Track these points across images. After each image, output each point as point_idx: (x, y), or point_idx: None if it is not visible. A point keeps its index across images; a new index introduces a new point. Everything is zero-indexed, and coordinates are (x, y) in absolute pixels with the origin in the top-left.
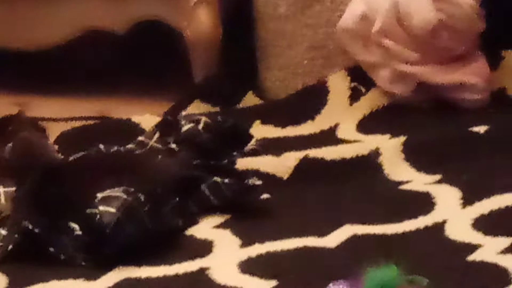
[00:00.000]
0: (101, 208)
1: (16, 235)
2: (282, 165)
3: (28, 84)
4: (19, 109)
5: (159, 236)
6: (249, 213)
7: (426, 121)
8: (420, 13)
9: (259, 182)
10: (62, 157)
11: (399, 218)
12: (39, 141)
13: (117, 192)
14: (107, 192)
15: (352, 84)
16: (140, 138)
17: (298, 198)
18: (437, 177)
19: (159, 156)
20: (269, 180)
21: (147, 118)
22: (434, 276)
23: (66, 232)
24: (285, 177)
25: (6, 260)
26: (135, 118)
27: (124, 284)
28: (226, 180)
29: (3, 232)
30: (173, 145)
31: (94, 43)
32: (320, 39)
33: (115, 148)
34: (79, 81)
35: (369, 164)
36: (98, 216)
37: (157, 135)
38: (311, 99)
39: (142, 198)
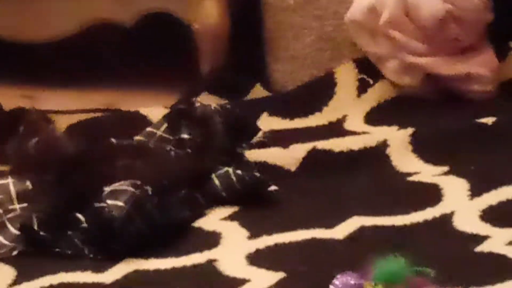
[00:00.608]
0: (109, 202)
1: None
2: (290, 157)
3: (36, 77)
4: (30, 103)
5: (167, 229)
6: (257, 205)
7: (434, 113)
8: (427, 4)
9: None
10: (75, 150)
11: (407, 210)
12: (60, 136)
13: (124, 185)
14: (114, 186)
15: (360, 76)
16: (149, 128)
17: (306, 190)
18: (445, 168)
19: (169, 147)
20: (277, 172)
21: (155, 110)
22: (442, 267)
23: (73, 226)
24: (293, 169)
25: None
26: (143, 110)
27: (132, 276)
28: (238, 171)
29: (13, 230)
30: (185, 135)
31: (102, 36)
32: (328, 30)
33: (126, 141)
34: (87, 73)
35: (377, 155)
36: (106, 210)
37: (165, 125)
38: (319, 91)
39: (150, 191)
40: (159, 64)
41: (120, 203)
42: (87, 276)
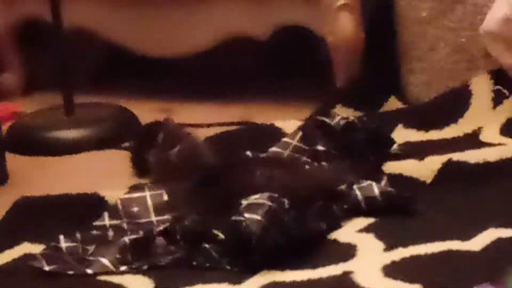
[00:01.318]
0: (247, 215)
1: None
2: (425, 169)
3: (173, 91)
4: (166, 115)
5: (303, 241)
6: (392, 217)
7: None
8: None
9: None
10: (215, 159)
11: None
12: (201, 144)
13: (261, 199)
14: (251, 199)
15: (496, 87)
16: (284, 139)
17: (441, 201)
18: None
19: (303, 158)
20: (412, 184)
21: (290, 123)
22: None
23: (209, 239)
24: (428, 181)
25: (150, 263)
26: (278, 123)
27: None
28: (382, 185)
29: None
30: (320, 147)
31: (238, 50)
32: (463, 42)
33: (262, 154)
34: (223, 87)
35: None
36: (244, 224)
37: (299, 134)
38: (454, 103)
39: (287, 203)
40: (294, 78)
41: (258, 217)
42: None
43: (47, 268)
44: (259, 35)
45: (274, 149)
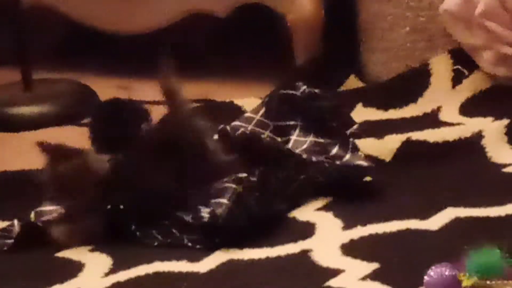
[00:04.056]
0: (213, 201)
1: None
2: (384, 147)
3: (132, 68)
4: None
5: (264, 220)
6: (351, 195)
7: None
8: None
9: (369, 164)
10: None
11: (502, 201)
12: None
13: (227, 183)
14: (218, 185)
15: (455, 67)
16: (247, 114)
17: (400, 180)
18: None
19: (267, 133)
20: (371, 162)
21: (250, 101)
22: None
23: (174, 221)
24: (387, 160)
25: (109, 241)
26: (238, 101)
27: (227, 266)
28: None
29: None
30: (286, 122)
31: (196, 27)
32: (422, 21)
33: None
34: (181, 64)
35: (472, 146)
36: (210, 208)
37: (263, 109)
38: (414, 82)
39: (254, 183)
40: (253, 55)
41: (224, 200)
42: (182, 266)
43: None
44: (219, 12)
45: (236, 123)
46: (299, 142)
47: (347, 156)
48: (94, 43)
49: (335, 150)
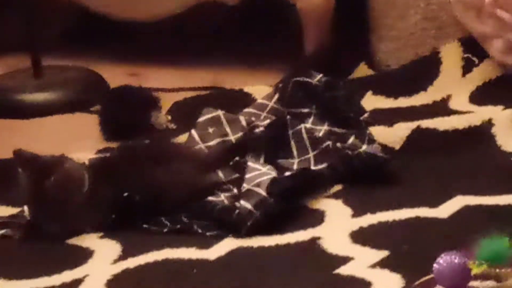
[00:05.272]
0: (242, 202)
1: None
2: (394, 135)
3: (143, 55)
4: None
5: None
6: (360, 183)
7: None
8: None
9: (388, 156)
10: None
11: (511, 189)
12: None
13: (258, 187)
14: (251, 185)
15: (465, 55)
16: (260, 100)
17: (410, 168)
18: None
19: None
20: (381, 150)
21: (259, 89)
22: None
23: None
24: (397, 148)
25: (118, 228)
26: (247, 89)
27: (236, 253)
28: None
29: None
30: (305, 110)
31: (207, 14)
32: (433, 9)
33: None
34: (192, 51)
35: (481, 135)
36: (237, 211)
37: (276, 96)
38: (424, 70)
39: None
40: (263, 43)
41: (249, 207)
42: (192, 253)
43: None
44: (229, 0)
45: (249, 109)
46: (315, 130)
47: (364, 147)
48: (104, 30)
49: (351, 140)
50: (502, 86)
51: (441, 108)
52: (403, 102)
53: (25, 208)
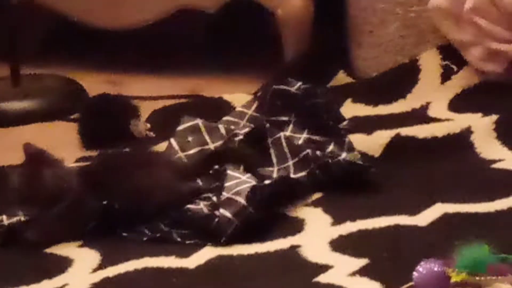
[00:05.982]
0: (221, 210)
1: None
2: (373, 143)
3: (121, 63)
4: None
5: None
6: (340, 191)
7: None
8: None
9: (368, 163)
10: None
11: (491, 197)
12: None
13: (237, 196)
14: (230, 193)
15: (444, 63)
16: (239, 108)
17: (389, 176)
18: None
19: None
20: (361, 158)
21: (239, 96)
22: None
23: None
24: (376, 155)
25: (97, 237)
26: (227, 96)
27: (216, 261)
28: (344, 157)
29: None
30: (284, 118)
31: (186, 22)
32: (412, 17)
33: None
34: (171, 60)
35: (461, 142)
36: (216, 220)
37: (255, 104)
38: (403, 78)
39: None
40: (242, 51)
41: (229, 215)
42: (171, 261)
43: None
44: (209, 7)
45: (228, 118)
46: (294, 138)
47: (343, 155)
48: (82, 38)
49: (330, 148)
50: (481, 94)
51: (420, 115)
52: (382, 109)
53: (4, 216)
